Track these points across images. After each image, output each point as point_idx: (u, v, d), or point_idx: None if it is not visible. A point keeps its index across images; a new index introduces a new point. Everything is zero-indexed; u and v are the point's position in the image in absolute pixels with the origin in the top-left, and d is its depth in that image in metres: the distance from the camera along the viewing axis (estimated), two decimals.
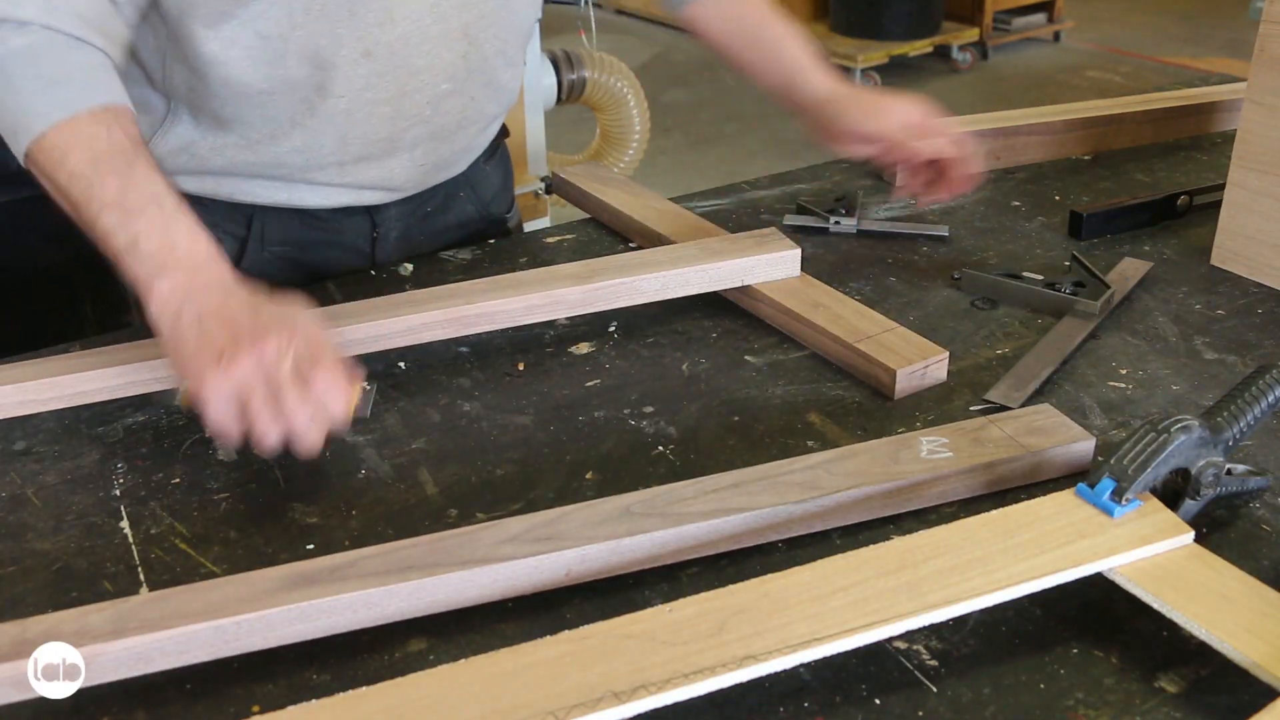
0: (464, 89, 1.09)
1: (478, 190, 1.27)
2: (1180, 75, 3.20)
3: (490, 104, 1.15)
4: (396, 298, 1.01)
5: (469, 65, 1.07)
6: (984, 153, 1.40)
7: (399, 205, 1.19)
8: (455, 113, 1.11)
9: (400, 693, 0.60)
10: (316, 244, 1.16)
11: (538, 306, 1.01)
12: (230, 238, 1.13)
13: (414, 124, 1.07)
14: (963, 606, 0.66)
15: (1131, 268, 1.14)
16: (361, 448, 0.89)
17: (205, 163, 1.07)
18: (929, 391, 0.95)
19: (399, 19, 0.99)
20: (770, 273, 1.08)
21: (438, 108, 1.08)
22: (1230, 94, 1.53)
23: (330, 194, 1.12)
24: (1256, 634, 0.65)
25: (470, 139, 1.18)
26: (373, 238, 1.19)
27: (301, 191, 1.11)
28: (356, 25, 0.97)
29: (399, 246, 1.21)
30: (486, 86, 1.12)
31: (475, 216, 1.28)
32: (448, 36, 1.03)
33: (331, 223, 1.16)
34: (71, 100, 0.86)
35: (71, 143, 0.85)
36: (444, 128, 1.11)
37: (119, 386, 0.92)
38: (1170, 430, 0.74)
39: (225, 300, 0.82)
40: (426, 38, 1.02)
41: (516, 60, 1.16)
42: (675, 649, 0.62)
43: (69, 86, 0.86)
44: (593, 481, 0.85)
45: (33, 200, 1.55)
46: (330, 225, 1.16)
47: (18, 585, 0.76)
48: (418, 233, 1.22)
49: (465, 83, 1.08)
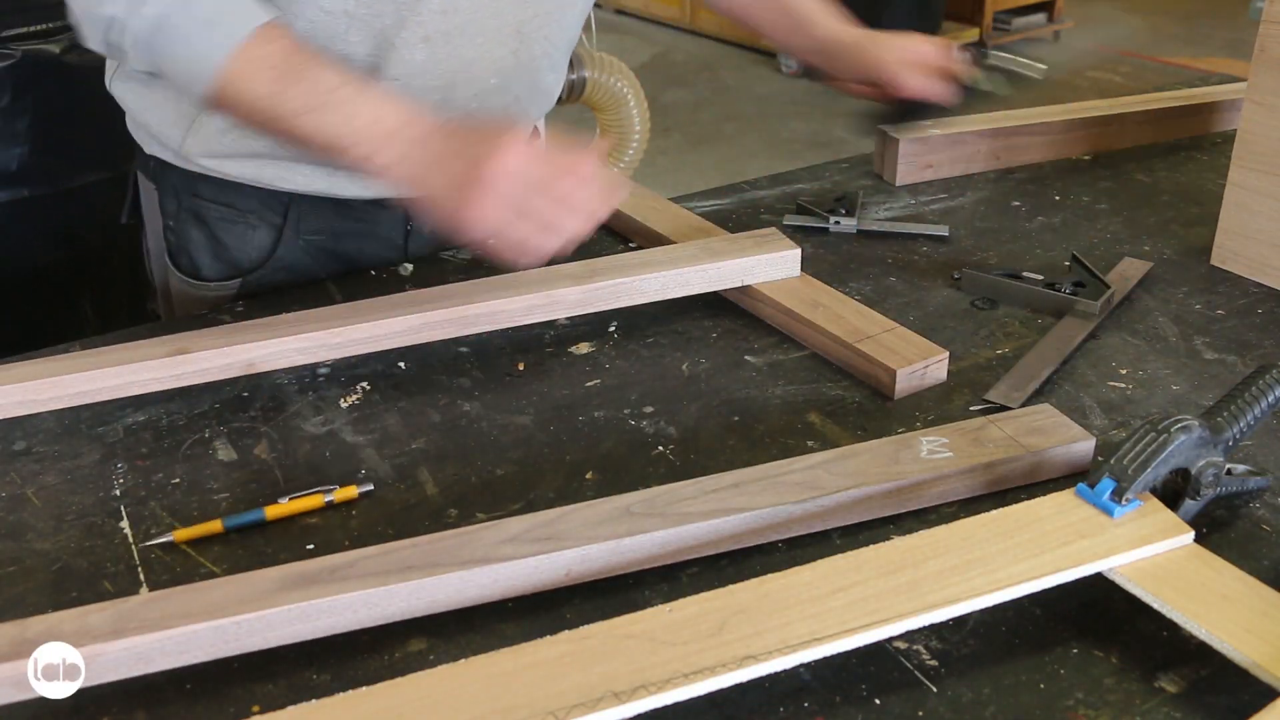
0: (510, 87, 1.11)
1: None
2: (1180, 75, 3.19)
3: (533, 106, 1.18)
4: (396, 297, 1.01)
5: (518, 62, 1.09)
6: (984, 152, 1.40)
7: None
8: (499, 110, 1.12)
9: (400, 693, 0.60)
10: (351, 234, 1.18)
11: (538, 306, 1.01)
12: (266, 225, 1.15)
13: (459, 117, 1.08)
14: (963, 606, 0.66)
15: (1131, 268, 1.14)
16: (361, 448, 0.89)
17: (250, 145, 1.08)
18: (929, 391, 0.95)
19: (460, 8, 1.01)
20: (770, 273, 1.08)
21: (484, 102, 1.09)
22: (1230, 94, 1.53)
23: (370, 183, 1.12)
24: (1256, 634, 0.65)
25: None
26: (406, 230, 1.19)
27: (341, 180, 1.11)
28: (420, 9, 1.00)
29: (432, 240, 1.21)
30: (531, 87, 1.14)
31: None
32: (502, 32, 1.06)
33: (367, 214, 1.16)
34: (233, 32, 0.90)
35: (249, 70, 0.90)
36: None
37: (119, 386, 0.92)
38: (1170, 430, 0.74)
39: (448, 139, 0.90)
40: (482, 30, 1.04)
41: (560, 66, 1.18)
42: (675, 649, 0.62)
43: (224, 20, 0.90)
44: (593, 481, 0.85)
45: (33, 200, 1.56)
46: (365, 216, 1.16)
47: (18, 585, 0.76)
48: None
49: (511, 80, 1.10)
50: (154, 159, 1.15)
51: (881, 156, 1.40)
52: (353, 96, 0.91)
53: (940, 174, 1.39)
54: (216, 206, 1.14)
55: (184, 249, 1.17)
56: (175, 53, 0.91)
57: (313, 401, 0.95)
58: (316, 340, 0.95)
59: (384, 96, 0.93)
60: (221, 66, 0.89)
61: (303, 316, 0.98)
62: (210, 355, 0.93)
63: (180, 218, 1.16)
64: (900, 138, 1.36)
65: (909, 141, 1.36)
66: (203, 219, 1.15)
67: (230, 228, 1.15)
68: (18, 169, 1.55)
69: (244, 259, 1.16)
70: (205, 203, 1.14)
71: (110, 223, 1.55)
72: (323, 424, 0.92)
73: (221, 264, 1.16)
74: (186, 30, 0.90)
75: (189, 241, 1.16)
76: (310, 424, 0.92)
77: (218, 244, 1.16)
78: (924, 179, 1.38)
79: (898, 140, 1.36)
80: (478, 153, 0.88)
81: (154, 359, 0.92)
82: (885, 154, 1.39)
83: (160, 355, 0.92)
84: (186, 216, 1.15)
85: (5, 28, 1.49)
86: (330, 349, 0.96)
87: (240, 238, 1.15)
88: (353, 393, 0.96)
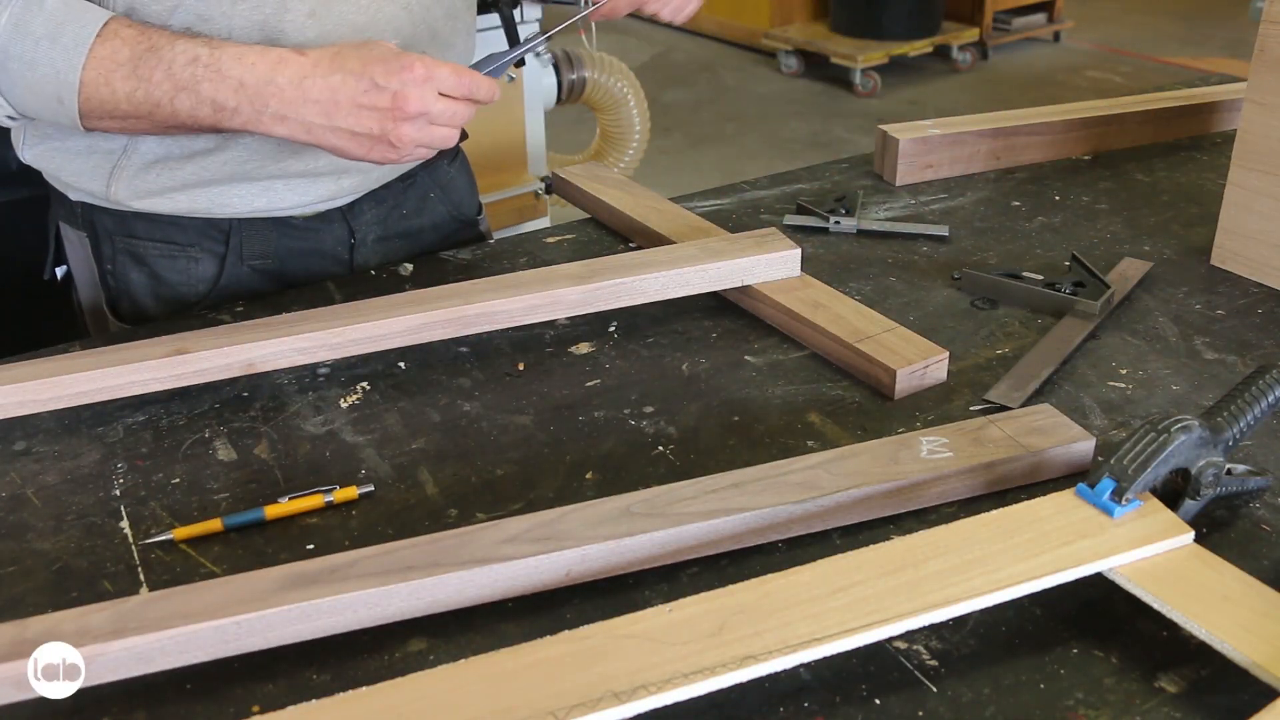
0: (412, 46, 1.07)
1: (447, 192, 1.29)
2: (1180, 75, 3.20)
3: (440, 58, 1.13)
4: (396, 297, 1.01)
5: (412, 18, 1.06)
6: (984, 152, 1.41)
7: (374, 209, 1.19)
8: None
9: (400, 693, 0.60)
10: (296, 254, 1.16)
11: (538, 306, 1.01)
12: (209, 255, 1.12)
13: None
14: (963, 606, 0.66)
15: (1131, 268, 1.14)
16: (361, 448, 0.89)
17: (178, 175, 1.06)
18: (929, 391, 0.95)
19: None
20: (771, 273, 1.08)
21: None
22: (1230, 94, 1.53)
23: (305, 189, 1.10)
24: (1256, 634, 0.65)
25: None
26: (350, 244, 1.19)
27: (278, 190, 1.09)
28: None
29: (376, 250, 1.21)
30: (434, 42, 1.10)
31: (447, 218, 1.29)
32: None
33: (309, 231, 1.15)
34: (78, 40, 0.88)
35: (105, 71, 0.88)
36: None
37: (119, 386, 0.92)
38: (1170, 430, 0.74)
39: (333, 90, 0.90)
40: None
41: (462, 13, 1.15)
42: (675, 649, 0.62)
43: (65, 31, 0.88)
44: (593, 481, 0.85)
45: (33, 200, 1.56)
46: (308, 234, 1.15)
47: (18, 585, 0.76)
48: (394, 237, 1.23)
49: (412, 39, 1.07)
50: (80, 205, 1.11)
51: (881, 156, 1.40)
52: (216, 60, 0.89)
53: (940, 174, 1.39)
54: (154, 244, 1.11)
55: (125, 293, 1.13)
56: (28, 80, 0.88)
57: (313, 401, 0.95)
58: (316, 340, 0.95)
59: (243, 49, 0.91)
60: (81, 78, 0.87)
61: (303, 316, 0.98)
62: (210, 355, 0.93)
63: (118, 261, 1.12)
64: (900, 138, 1.36)
65: (909, 141, 1.36)
66: (141, 259, 1.12)
67: (171, 263, 1.12)
68: (18, 169, 1.54)
69: (189, 293, 1.13)
70: (142, 241, 1.11)
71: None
72: (323, 424, 0.92)
73: (164, 303, 1.13)
74: (31, 55, 0.87)
75: (130, 285, 1.13)
76: (310, 424, 0.92)
77: (159, 282, 1.13)
78: (924, 179, 1.38)
79: (898, 140, 1.36)
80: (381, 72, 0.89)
81: (154, 359, 0.92)
82: (885, 154, 1.39)
83: (160, 355, 0.92)
84: (124, 259, 1.12)
85: None
86: (330, 349, 0.96)
87: (183, 273, 1.12)
88: (353, 393, 0.96)
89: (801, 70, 5.33)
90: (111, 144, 1.04)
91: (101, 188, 1.07)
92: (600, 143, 2.96)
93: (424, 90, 0.91)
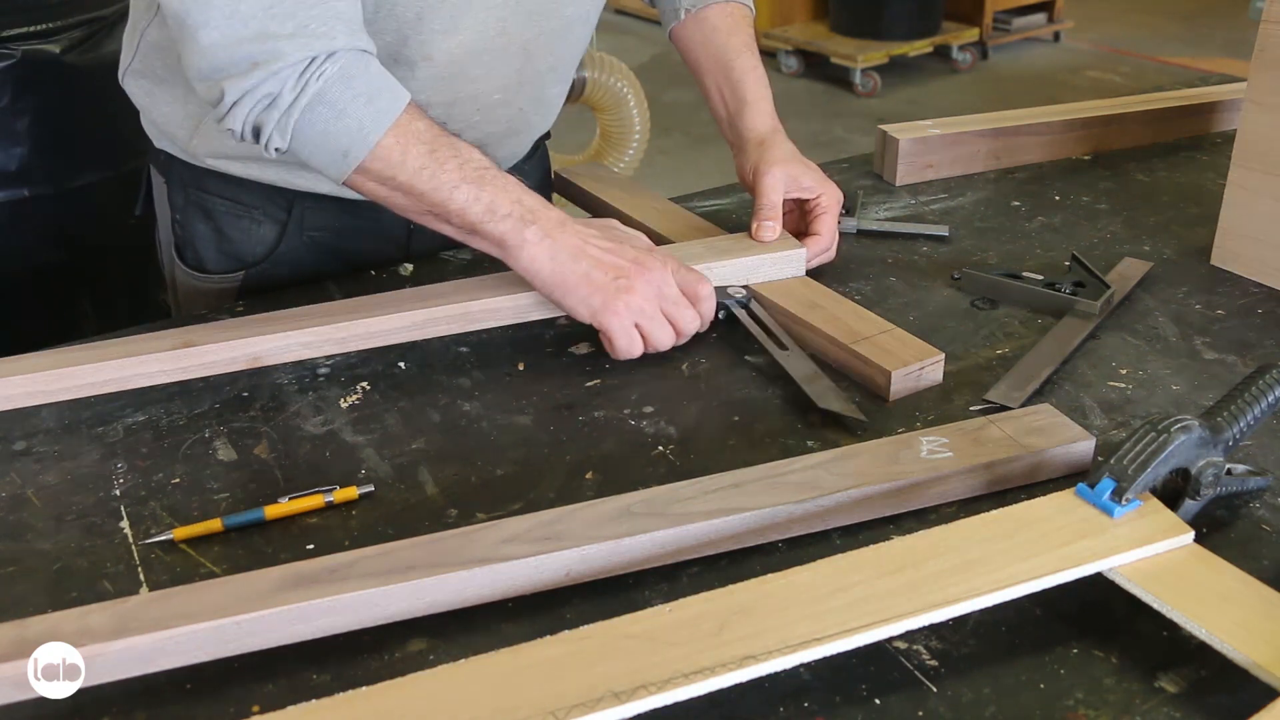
0: (513, 101, 1.12)
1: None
2: (1180, 75, 3.19)
3: (536, 117, 1.19)
4: (401, 293, 1.02)
5: (522, 79, 1.10)
6: (984, 152, 1.41)
7: None
8: (502, 123, 1.14)
9: (400, 693, 0.60)
10: (354, 231, 1.18)
11: (541, 303, 1.01)
12: (271, 221, 1.16)
13: (462, 129, 1.09)
14: (963, 606, 0.66)
15: (1131, 268, 1.14)
16: (361, 448, 0.89)
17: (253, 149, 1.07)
18: (929, 391, 0.95)
19: (463, 28, 1.02)
20: (776, 272, 1.08)
21: (486, 116, 1.11)
22: (1230, 94, 1.53)
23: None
24: (1256, 634, 0.65)
25: (513, 148, 1.21)
26: (409, 228, 1.20)
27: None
28: (422, 29, 1.00)
29: (436, 237, 1.21)
30: (535, 100, 1.15)
31: None
32: (508, 51, 1.07)
33: (370, 211, 1.16)
34: (390, 107, 0.92)
35: (404, 142, 0.92)
36: (491, 135, 1.13)
37: (124, 379, 0.92)
38: (1170, 430, 0.74)
39: (586, 238, 0.96)
40: (488, 49, 1.05)
41: (566, 77, 1.19)
42: (675, 649, 0.62)
43: (382, 95, 0.93)
44: (593, 481, 0.85)
45: (33, 200, 1.56)
46: (368, 214, 1.16)
47: (18, 585, 0.76)
48: None
49: (515, 95, 1.11)
50: (163, 153, 1.17)
51: (881, 156, 1.40)
52: (498, 180, 0.95)
53: (940, 174, 1.39)
54: (222, 201, 1.16)
55: (190, 242, 1.19)
56: (328, 127, 0.91)
57: (313, 401, 0.95)
58: (321, 334, 0.96)
59: (523, 187, 0.97)
60: (380, 140, 0.91)
61: (307, 311, 0.99)
62: (215, 349, 0.93)
63: (187, 211, 1.17)
64: (900, 138, 1.36)
65: (909, 141, 1.36)
66: (209, 212, 1.17)
67: (235, 221, 1.16)
68: (18, 169, 1.55)
69: (248, 253, 1.17)
70: (211, 197, 1.16)
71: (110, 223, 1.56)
72: (323, 424, 0.92)
73: (225, 257, 1.18)
74: (344, 105, 0.91)
75: (195, 235, 1.18)
76: (310, 424, 0.92)
77: (222, 237, 1.17)
78: (924, 179, 1.38)
79: (898, 140, 1.36)
80: (625, 259, 0.95)
81: (159, 351, 0.92)
82: (885, 154, 1.39)
83: (165, 348, 0.92)
84: (193, 210, 1.17)
85: (5, 28, 1.49)
86: (335, 343, 0.96)
87: (245, 232, 1.17)
88: (353, 393, 0.96)
89: (801, 70, 5.33)
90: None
91: (185, 137, 1.12)
92: (600, 142, 2.96)
93: (663, 271, 0.97)
